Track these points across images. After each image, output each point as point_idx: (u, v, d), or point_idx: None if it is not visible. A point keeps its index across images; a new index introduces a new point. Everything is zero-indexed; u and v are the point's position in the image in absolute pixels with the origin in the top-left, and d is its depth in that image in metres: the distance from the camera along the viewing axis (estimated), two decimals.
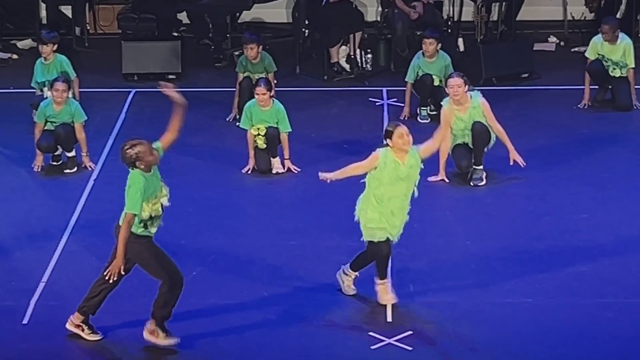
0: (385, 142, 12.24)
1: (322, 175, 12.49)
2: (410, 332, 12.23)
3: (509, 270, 13.40)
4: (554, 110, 17.76)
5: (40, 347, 12.12)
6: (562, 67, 19.40)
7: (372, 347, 12.05)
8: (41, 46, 16.93)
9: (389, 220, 12.31)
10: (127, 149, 11.54)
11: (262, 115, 15.57)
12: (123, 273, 11.71)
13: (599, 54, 17.45)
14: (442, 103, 15.41)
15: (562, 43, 20.51)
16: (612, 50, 17.41)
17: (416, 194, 12.38)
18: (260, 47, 17.24)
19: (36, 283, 13.19)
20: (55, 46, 16.93)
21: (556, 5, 21.04)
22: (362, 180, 12.34)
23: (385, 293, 12.59)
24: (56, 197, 15.21)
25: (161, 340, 11.93)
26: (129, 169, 11.59)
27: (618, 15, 20.16)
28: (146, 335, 11.95)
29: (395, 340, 12.13)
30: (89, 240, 14.11)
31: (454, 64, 17.24)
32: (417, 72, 17.20)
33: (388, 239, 12.41)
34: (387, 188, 12.22)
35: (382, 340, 12.13)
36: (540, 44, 20.19)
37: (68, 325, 12.08)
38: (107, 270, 11.68)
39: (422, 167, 12.42)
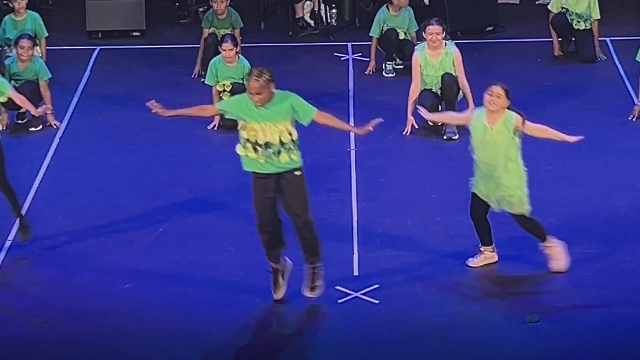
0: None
1: (421, 110, 12.82)
2: (377, 286, 12.25)
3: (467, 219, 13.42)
4: (518, 63, 17.79)
5: (9, 304, 12.10)
6: (526, 20, 19.39)
7: (339, 301, 12.07)
8: (15, 1, 16.84)
9: (484, 184, 12.28)
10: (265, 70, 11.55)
11: (228, 71, 15.54)
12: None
13: (562, 7, 17.45)
14: (416, 49, 15.47)
15: None
16: (576, 3, 17.40)
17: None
18: (228, 1, 17.19)
19: (3, 241, 13.17)
20: (25, 1, 16.86)
21: None
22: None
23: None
24: (21, 155, 15.11)
25: None
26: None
27: None
28: None
29: (362, 294, 12.16)
30: (55, 199, 14.09)
31: (419, 17, 17.19)
32: (382, 27, 17.16)
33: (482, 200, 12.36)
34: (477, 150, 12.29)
35: (349, 294, 12.16)
36: None
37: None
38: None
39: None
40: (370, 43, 17.47)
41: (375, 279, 12.37)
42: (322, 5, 19.27)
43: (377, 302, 12.06)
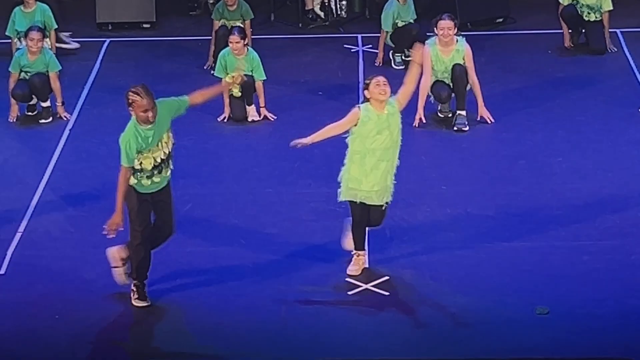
0: (364, 96, 12.15)
1: (295, 142, 12.21)
2: (387, 277, 12.28)
3: (484, 214, 13.47)
4: (528, 54, 17.78)
5: (17, 296, 12.12)
6: (536, 11, 19.36)
7: (349, 293, 12.10)
8: None
9: (368, 177, 12.19)
10: (129, 91, 11.46)
11: (237, 63, 15.53)
12: (122, 229, 11.62)
13: None
14: (427, 43, 15.45)
15: None
16: None
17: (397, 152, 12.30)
18: None
19: (12, 233, 13.19)
20: None
21: None
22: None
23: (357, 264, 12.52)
24: (32, 147, 15.19)
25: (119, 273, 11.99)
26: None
27: None
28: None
29: (372, 286, 12.17)
30: (65, 190, 14.12)
31: (429, 9, 17.23)
32: (396, 20, 17.13)
33: (365, 204, 12.29)
34: (370, 141, 12.12)
35: (359, 286, 12.17)
36: None
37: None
38: (106, 226, 11.58)
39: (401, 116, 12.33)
40: (379, 35, 17.45)
41: (385, 271, 12.39)
42: (334, 1, 19.25)
43: (387, 293, 12.08)
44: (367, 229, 12.35)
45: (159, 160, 11.63)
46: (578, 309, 11.73)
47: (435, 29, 15.44)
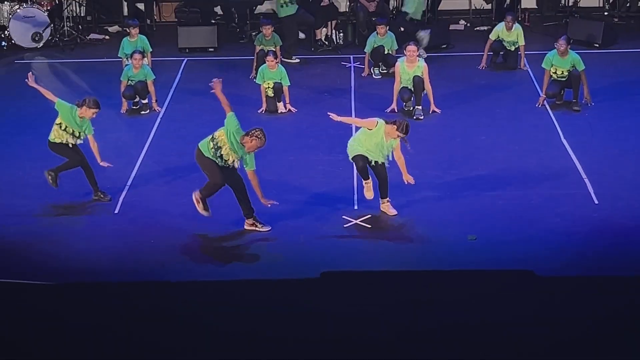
0: (398, 134, 12.05)
1: (331, 115, 12.29)
2: (370, 216, 12.27)
3: (434, 173, 13.41)
4: (462, 69, 17.69)
5: (127, 228, 12.17)
6: (468, 40, 19.29)
7: (345, 226, 12.10)
8: (130, 28, 16.86)
9: (367, 152, 12.18)
10: (258, 132, 11.72)
11: (271, 74, 15.56)
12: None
13: (499, 36, 17.32)
14: (399, 60, 15.50)
15: (468, 24, 20.39)
16: (508, 34, 17.28)
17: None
18: (272, 27, 17.16)
19: (123, 185, 13.20)
20: (137, 29, 16.87)
21: None
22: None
23: (369, 190, 12.41)
24: (136, 129, 15.19)
25: (200, 208, 11.87)
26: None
27: (505, 5, 20.04)
28: (193, 197, 11.88)
29: (360, 221, 12.17)
30: (158, 158, 14.14)
31: (398, 40, 17.17)
32: (373, 45, 17.13)
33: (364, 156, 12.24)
34: (370, 141, 12.13)
35: (351, 221, 12.17)
36: (454, 24, 20.07)
37: (246, 227, 11.99)
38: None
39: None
40: (364, 56, 17.42)
41: (368, 211, 12.38)
42: (333, 31, 19.26)
43: (369, 226, 12.09)
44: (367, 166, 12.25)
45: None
46: (495, 237, 11.73)
47: (404, 51, 15.42)
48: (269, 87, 15.64)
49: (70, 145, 12.69)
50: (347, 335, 6.52)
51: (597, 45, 18.41)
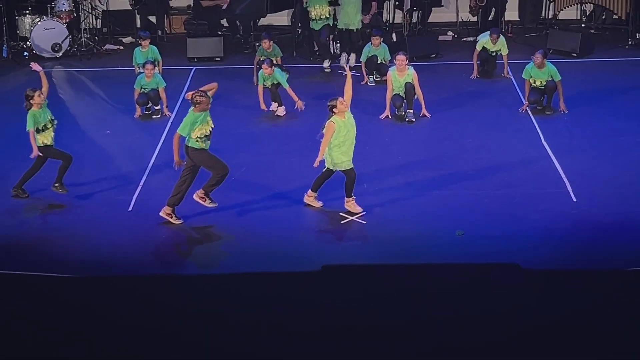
0: (331, 113, 12.07)
1: (316, 162, 12.14)
2: (365, 213, 12.21)
3: (425, 172, 13.37)
4: (450, 76, 17.65)
5: (140, 225, 12.11)
6: (456, 50, 19.23)
7: (342, 222, 12.05)
8: (141, 40, 16.79)
9: (347, 154, 12.14)
10: (196, 94, 11.85)
11: (267, 78, 15.60)
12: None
13: (484, 47, 17.24)
14: (390, 69, 15.41)
15: (455, 35, 20.33)
16: (493, 46, 17.20)
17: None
18: (271, 41, 17.07)
19: (136, 185, 13.14)
20: (149, 40, 16.80)
21: (452, 12, 20.86)
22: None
23: (355, 206, 12.32)
24: (148, 133, 15.13)
25: (207, 204, 11.92)
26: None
27: (490, 18, 19.98)
28: (196, 198, 11.96)
29: (356, 218, 12.12)
30: (168, 158, 14.00)
31: (390, 50, 17.10)
32: (367, 55, 17.08)
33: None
34: (344, 137, 12.06)
35: (347, 218, 12.12)
36: (442, 36, 20.02)
37: (161, 213, 11.99)
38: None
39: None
40: (360, 64, 17.37)
41: (363, 209, 12.31)
42: (331, 42, 19.11)
43: (364, 222, 12.04)
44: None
45: (209, 131, 11.80)
46: (480, 232, 11.68)
47: (394, 60, 15.36)
48: (265, 87, 15.75)
49: (51, 144, 12.60)
50: (346, 322, 6.50)
51: (575, 55, 18.39)
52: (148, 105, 15.76)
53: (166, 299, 7.46)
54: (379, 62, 17.05)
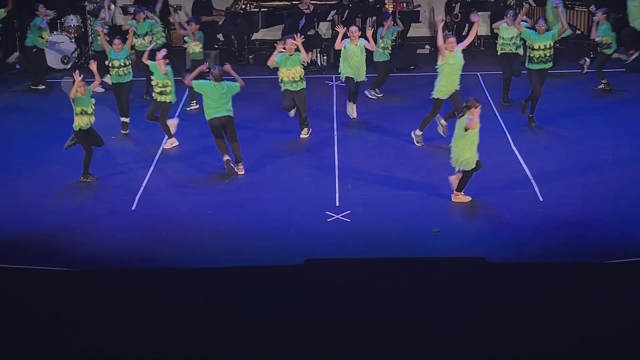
0: (467, 111, 12.02)
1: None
2: (349, 212, 12.23)
3: (404, 175, 13.37)
4: (428, 86, 17.38)
5: (143, 222, 12.14)
6: (432, 63, 18.90)
7: (328, 220, 12.07)
8: (137, 14, 16.68)
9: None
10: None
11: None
12: None
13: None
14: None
15: (432, 49, 20.34)
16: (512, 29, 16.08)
17: None
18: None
19: (140, 185, 13.15)
20: (144, 15, 16.68)
21: (429, 27, 20.94)
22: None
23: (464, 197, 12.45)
24: (150, 138, 15.06)
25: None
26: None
27: (463, 33, 20.01)
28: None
29: (341, 216, 12.14)
30: (169, 162, 14.10)
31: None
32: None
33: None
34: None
35: (333, 216, 12.14)
36: (420, 49, 20.07)
37: None
38: None
39: None
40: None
41: (348, 208, 12.35)
42: (318, 55, 19.21)
43: (349, 220, 12.06)
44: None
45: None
46: (454, 229, 11.72)
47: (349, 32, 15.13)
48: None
49: (87, 129, 12.90)
50: (329, 311, 6.53)
51: None
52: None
53: (165, 289, 7.50)
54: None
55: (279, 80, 14.65)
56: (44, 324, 7.51)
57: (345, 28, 14.25)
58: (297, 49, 14.35)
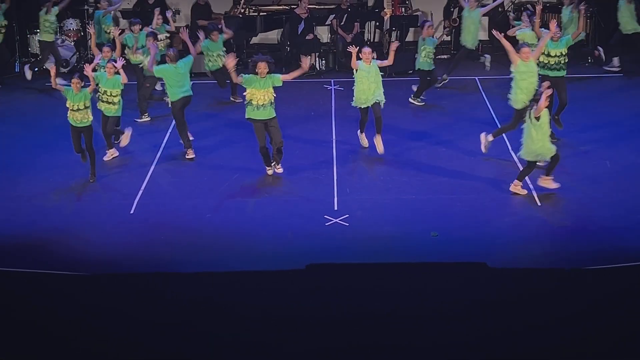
0: (534, 104, 12.33)
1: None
2: (347, 215, 12.23)
3: (402, 179, 13.37)
4: (427, 91, 17.65)
5: (141, 225, 12.12)
6: None
7: (326, 224, 12.06)
8: (132, 26, 16.50)
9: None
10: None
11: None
12: None
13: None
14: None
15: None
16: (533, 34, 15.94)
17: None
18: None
19: (138, 188, 13.14)
20: (139, 26, 16.54)
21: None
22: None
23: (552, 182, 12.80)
24: (148, 141, 15.06)
25: None
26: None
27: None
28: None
29: (339, 220, 12.13)
30: (167, 166, 14.08)
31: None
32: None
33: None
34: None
35: (331, 220, 12.14)
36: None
37: None
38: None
39: None
40: (344, 80, 17.41)
41: (346, 212, 12.34)
42: (317, 59, 19.21)
43: (347, 224, 12.05)
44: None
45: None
46: (451, 233, 11.71)
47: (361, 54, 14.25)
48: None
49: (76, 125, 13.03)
50: (329, 316, 6.52)
51: None
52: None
53: (164, 294, 7.49)
54: None
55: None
56: (43, 328, 7.49)
57: (357, 48, 13.77)
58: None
